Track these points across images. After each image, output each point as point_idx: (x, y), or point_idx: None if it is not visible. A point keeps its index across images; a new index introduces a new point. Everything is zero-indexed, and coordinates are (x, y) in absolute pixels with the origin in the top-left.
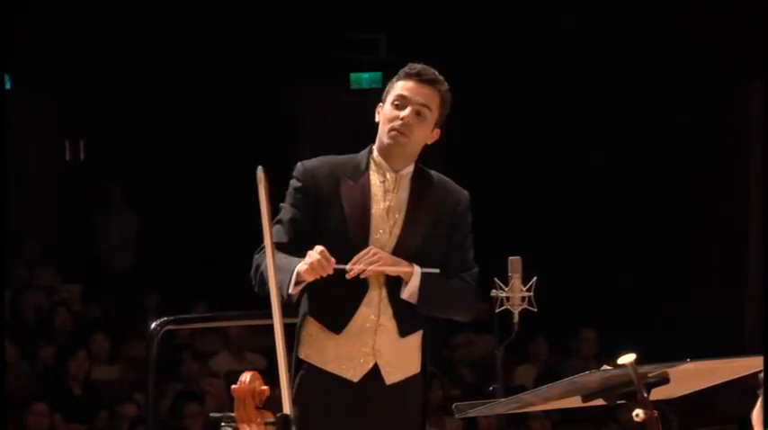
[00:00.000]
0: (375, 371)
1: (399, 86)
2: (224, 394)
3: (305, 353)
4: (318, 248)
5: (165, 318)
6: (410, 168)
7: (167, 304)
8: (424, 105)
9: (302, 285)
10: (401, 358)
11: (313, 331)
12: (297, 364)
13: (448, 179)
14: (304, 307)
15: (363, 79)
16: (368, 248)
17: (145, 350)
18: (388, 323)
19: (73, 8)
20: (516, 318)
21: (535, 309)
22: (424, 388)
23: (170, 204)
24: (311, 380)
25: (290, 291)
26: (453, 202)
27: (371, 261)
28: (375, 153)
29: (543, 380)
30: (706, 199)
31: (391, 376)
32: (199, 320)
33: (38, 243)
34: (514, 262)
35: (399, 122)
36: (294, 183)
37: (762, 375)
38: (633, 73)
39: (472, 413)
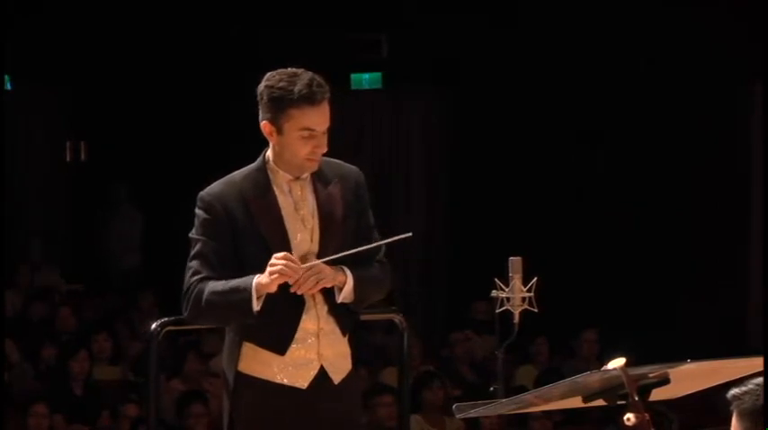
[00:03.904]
0: (322, 374)
1: (299, 115)
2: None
3: (246, 366)
4: (280, 254)
5: (166, 319)
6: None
7: (168, 304)
8: (329, 125)
9: (263, 298)
10: (341, 357)
11: (255, 346)
12: (237, 378)
13: (338, 162)
14: (236, 332)
15: (364, 80)
16: (307, 268)
17: (145, 350)
18: (328, 326)
19: (74, 9)
20: (517, 319)
21: (535, 310)
22: (359, 384)
23: (173, 204)
24: (257, 393)
25: (256, 308)
26: (353, 186)
27: (317, 280)
28: (272, 164)
29: (544, 380)
30: (707, 199)
31: (337, 376)
32: None
33: (40, 244)
34: (515, 262)
35: (316, 153)
36: (203, 214)
37: (733, 391)
38: (633, 73)
39: (473, 413)
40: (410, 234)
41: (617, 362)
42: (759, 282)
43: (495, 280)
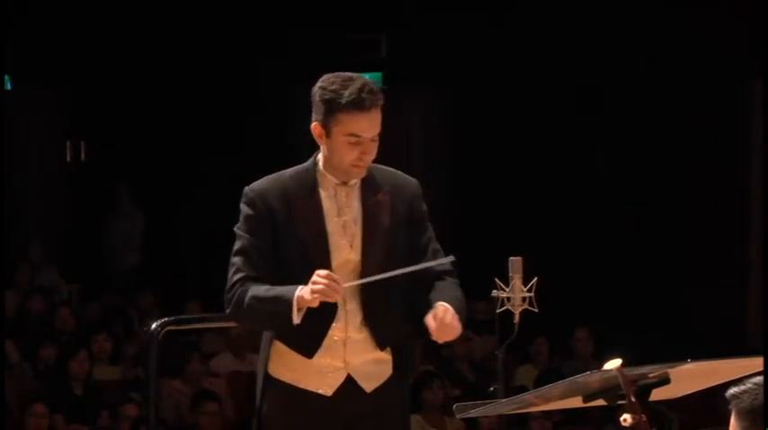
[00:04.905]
0: (350, 382)
1: (347, 120)
2: (225, 393)
3: (274, 369)
4: (323, 273)
5: (166, 319)
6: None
7: (168, 304)
8: (377, 132)
9: (303, 311)
10: (374, 365)
11: (282, 349)
12: (265, 380)
13: (394, 172)
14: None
15: None
16: (444, 312)
17: (145, 350)
18: (359, 335)
19: (73, 8)
20: (517, 319)
21: (536, 310)
22: (404, 386)
23: (173, 204)
24: (283, 396)
25: (296, 321)
26: (407, 198)
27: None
28: (321, 167)
29: (544, 380)
30: (707, 198)
31: (369, 384)
32: (199, 321)
33: (40, 243)
34: (515, 262)
35: (363, 159)
36: (246, 209)
37: (731, 391)
38: (633, 73)
39: (473, 413)
40: (452, 257)
41: (614, 363)
42: (759, 282)
43: (496, 280)
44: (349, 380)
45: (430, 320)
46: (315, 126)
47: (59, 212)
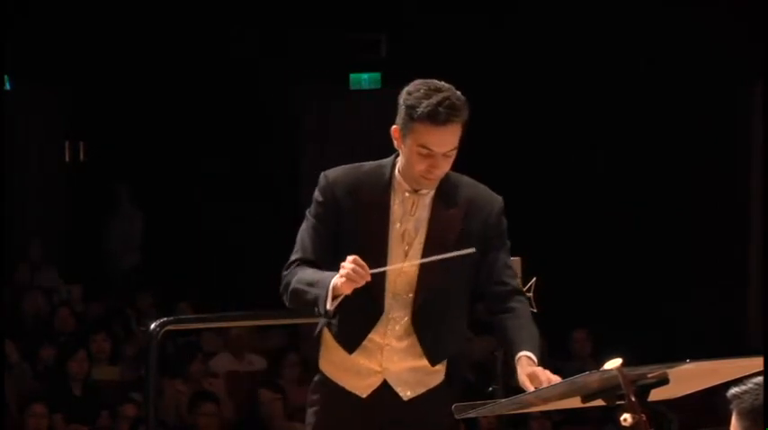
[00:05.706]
0: (387, 387)
1: (421, 131)
2: (224, 393)
3: (322, 363)
4: (351, 258)
5: (165, 319)
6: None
7: (167, 304)
8: (452, 148)
9: (339, 299)
10: (414, 374)
11: (328, 343)
12: (314, 370)
13: (479, 186)
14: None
15: (363, 80)
16: (544, 375)
17: (145, 350)
18: (398, 344)
19: (73, 8)
20: None
21: (534, 310)
22: (452, 395)
23: (173, 204)
24: (325, 389)
25: (327, 307)
26: (484, 216)
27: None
28: (397, 170)
29: None
30: (707, 199)
31: (406, 391)
32: (199, 321)
33: (40, 244)
34: (514, 262)
35: (432, 172)
36: (317, 195)
37: (732, 391)
38: (633, 73)
39: (473, 413)
40: (473, 250)
41: (614, 363)
42: (759, 282)
43: None
44: (386, 385)
45: (528, 384)
46: (394, 129)
47: (59, 212)
